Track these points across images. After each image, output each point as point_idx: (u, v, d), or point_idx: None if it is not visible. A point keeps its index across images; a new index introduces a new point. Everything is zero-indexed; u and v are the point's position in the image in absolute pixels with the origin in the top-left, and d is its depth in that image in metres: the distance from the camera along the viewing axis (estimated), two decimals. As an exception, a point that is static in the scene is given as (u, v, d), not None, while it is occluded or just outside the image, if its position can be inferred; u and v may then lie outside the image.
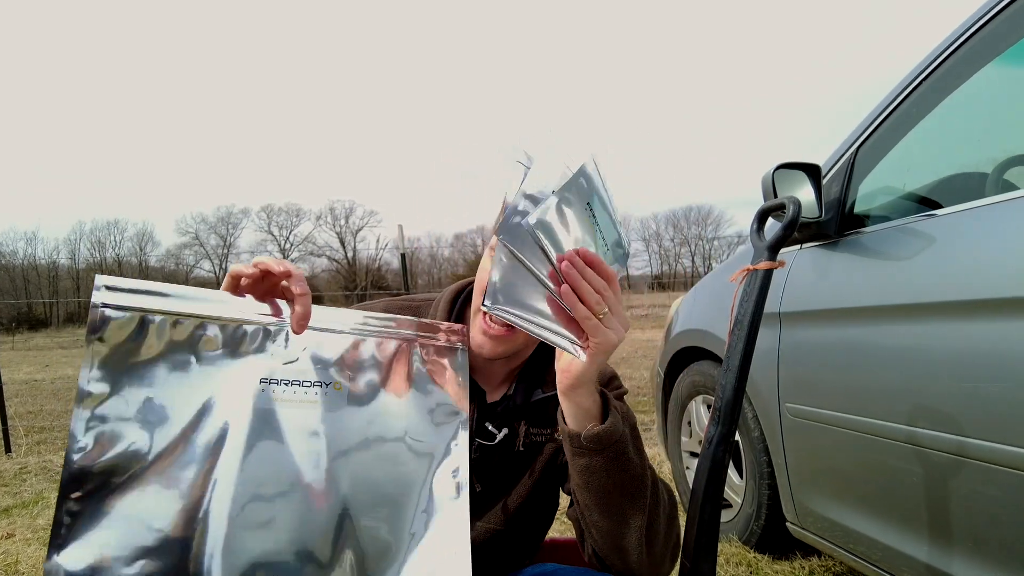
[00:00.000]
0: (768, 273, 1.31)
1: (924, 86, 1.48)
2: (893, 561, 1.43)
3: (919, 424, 1.30)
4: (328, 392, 0.82)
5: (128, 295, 0.74)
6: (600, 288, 0.76)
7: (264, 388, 0.79)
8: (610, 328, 0.77)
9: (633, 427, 0.90)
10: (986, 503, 1.18)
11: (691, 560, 1.19)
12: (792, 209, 1.36)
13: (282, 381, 0.80)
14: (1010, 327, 1.11)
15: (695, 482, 1.25)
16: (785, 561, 2.08)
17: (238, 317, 0.79)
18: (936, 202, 1.47)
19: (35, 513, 2.89)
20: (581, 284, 0.74)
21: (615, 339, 0.78)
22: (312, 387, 0.81)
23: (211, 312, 0.78)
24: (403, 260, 8.26)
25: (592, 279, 0.75)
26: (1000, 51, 1.33)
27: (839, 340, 1.55)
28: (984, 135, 1.57)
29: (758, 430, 1.96)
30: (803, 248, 1.76)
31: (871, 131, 1.62)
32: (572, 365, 0.82)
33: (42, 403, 6.54)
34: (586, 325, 0.76)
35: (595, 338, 0.77)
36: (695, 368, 2.45)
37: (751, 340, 1.27)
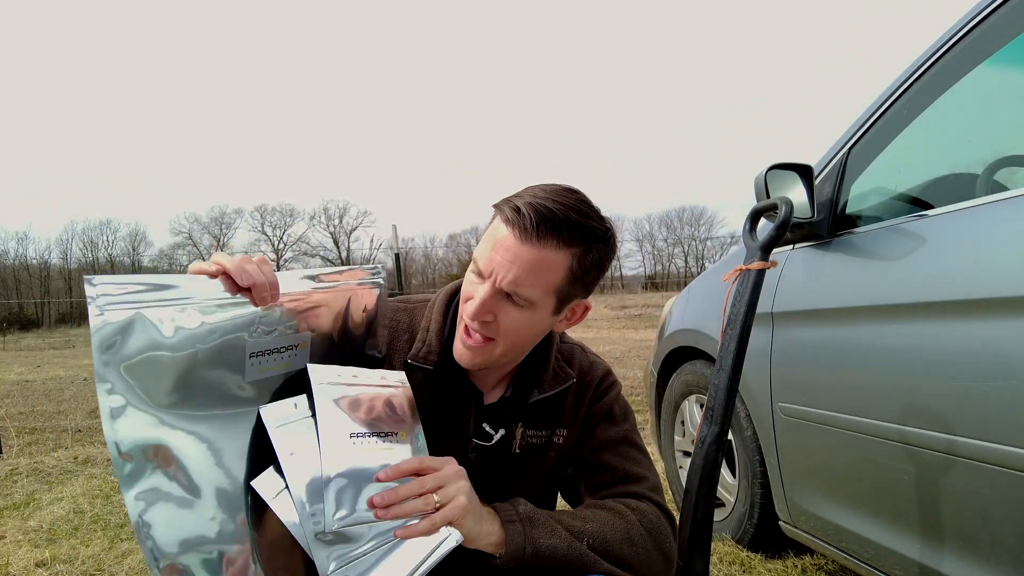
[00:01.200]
0: (760, 273, 1.32)
1: (915, 87, 1.48)
2: (885, 559, 1.44)
3: (910, 423, 1.30)
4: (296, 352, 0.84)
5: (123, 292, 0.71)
6: (418, 490, 0.77)
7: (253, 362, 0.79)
8: (448, 502, 0.79)
9: (533, 520, 0.91)
10: (976, 501, 1.19)
11: (684, 559, 1.19)
12: (784, 209, 1.37)
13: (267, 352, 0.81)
14: (1001, 327, 1.12)
15: (688, 481, 1.25)
16: (778, 560, 2.09)
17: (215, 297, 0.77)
18: (927, 203, 1.48)
19: (26, 515, 2.87)
20: (404, 509, 0.76)
21: (461, 503, 0.80)
22: (286, 352, 0.83)
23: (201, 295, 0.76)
24: (397, 260, 8.25)
25: (408, 494, 0.77)
26: (990, 53, 1.34)
27: (831, 340, 1.56)
28: (974, 136, 1.58)
29: (751, 429, 1.97)
30: (795, 248, 1.76)
31: (863, 132, 1.62)
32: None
33: (33, 404, 6.50)
34: (432, 530, 0.78)
35: (442, 524, 0.78)
36: (688, 368, 2.46)
37: (744, 340, 1.28)
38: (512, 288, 0.87)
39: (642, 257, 55.28)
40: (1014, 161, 1.47)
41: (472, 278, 0.92)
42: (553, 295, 0.90)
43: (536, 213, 0.85)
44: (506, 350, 0.94)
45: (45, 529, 2.65)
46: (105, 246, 48.35)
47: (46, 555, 2.33)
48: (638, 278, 53.15)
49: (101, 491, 3.22)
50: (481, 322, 0.90)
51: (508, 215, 0.87)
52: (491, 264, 0.87)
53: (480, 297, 0.88)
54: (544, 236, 0.85)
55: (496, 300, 0.88)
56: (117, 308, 0.68)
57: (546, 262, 0.87)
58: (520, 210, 0.86)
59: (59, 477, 3.54)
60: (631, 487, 1.02)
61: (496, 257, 0.87)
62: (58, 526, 2.69)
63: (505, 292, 0.88)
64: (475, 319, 0.90)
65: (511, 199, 0.89)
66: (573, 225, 0.87)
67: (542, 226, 0.85)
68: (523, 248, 0.86)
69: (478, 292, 0.89)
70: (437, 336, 1.00)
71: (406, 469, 0.77)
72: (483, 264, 0.89)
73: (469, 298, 0.91)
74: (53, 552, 2.36)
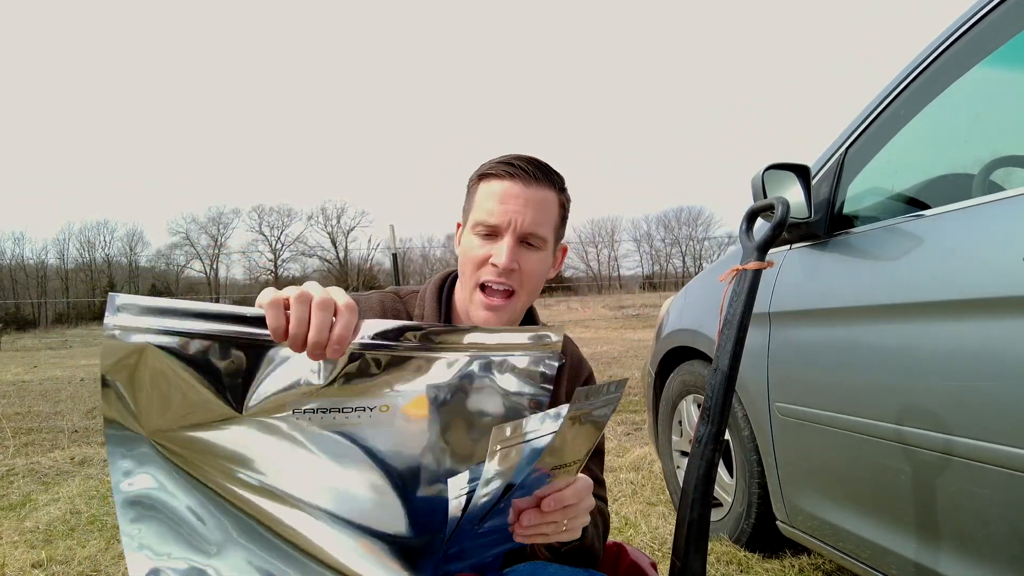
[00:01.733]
0: (757, 273, 1.32)
1: (912, 88, 1.49)
2: (882, 559, 1.44)
3: (907, 423, 1.31)
4: (373, 415, 0.73)
5: (140, 316, 0.65)
6: (558, 517, 0.77)
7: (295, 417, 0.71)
8: (571, 529, 0.80)
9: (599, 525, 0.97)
10: (973, 501, 1.19)
11: (682, 558, 1.19)
12: (781, 209, 1.37)
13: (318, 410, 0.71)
14: (997, 326, 1.12)
15: (685, 481, 1.25)
16: (775, 559, 2.09)
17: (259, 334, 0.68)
18: (924, 203, 1.49)
19: (22, 515, 2.86)
20: (538, 531, 0.76)
21: (580, 528, 0.81)
22: (352, 412, 0.72)
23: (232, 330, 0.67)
24: (395, 260, 8.24)
25: (549, 519, 0.76)
26: (986, 54, 1.34)
27: (828, 340, 1.56)
28: (971, 137, 1.59)
29: (748, 429, 1.97)
30: (792, 248, 1.77)
31: (859, 132, 1.63)
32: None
33: (30, 404, 6.48)
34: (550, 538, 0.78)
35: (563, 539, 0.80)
36: (686, 368, 2.46)
37: (740, 340, 1.28)
38: (532, 228, 0.95)
39: (640, 257, 55.30)
40: (1010, 161, 1.47)
41: (478, 241, 0.96)
42: (553, 234, 1.00)
43: (527, 162, 0.96)
44: (526, 298, 1.00)
45: (41, 530, 2.64)
46: (102, 246, 48.19)
47: (42, 556, 2.32)
48: (636, 278, 53.17)
49: (98, 492, 3.21)
50: (509, 274, 0.95)
51: (503, 171, 0.96)
52: (506, 214, 0.94)
53: (508, 246, 0.94)
54: (541, 179, 0.96)
55: (518, 247, 0.95)
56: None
57: (548, 201, 0.97)
58: (513, 163, 0.96)
59: (55, 478, 3.53)
60: (597, 490, 1.05)
61: (509, 207, 0.94)
62: (54, 527, 2.68)
63: (524, 238, 0.95)
64: (508, 266, 0.94)
65: (492, 164, 0.98)
66: (552, 170, 0.99)
67: (537, 171, 0.96)
68: (530, 191, 0.95)
69: (501, 246, 0.94)
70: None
71: (567, 502, 0.76)
72: (498, 218, 0.94)
73: (486, 259, 0.95)
74: (49, 553, 2.35)
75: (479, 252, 0.96)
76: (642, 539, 2.35)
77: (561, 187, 1.01)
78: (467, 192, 1.03)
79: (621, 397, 0.77)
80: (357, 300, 1.02)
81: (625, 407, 5.15)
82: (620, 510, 2.67)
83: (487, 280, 0.96)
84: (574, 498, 0.77)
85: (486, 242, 0.96)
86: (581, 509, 0.79)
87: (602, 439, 1.09)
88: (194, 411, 0.67)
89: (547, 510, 0.74)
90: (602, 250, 54.39)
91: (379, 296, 1.06)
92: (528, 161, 0.96)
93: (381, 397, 0.73)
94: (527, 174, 0.95)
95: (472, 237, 0.97)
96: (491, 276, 0.95)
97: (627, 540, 2.28)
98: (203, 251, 49.85)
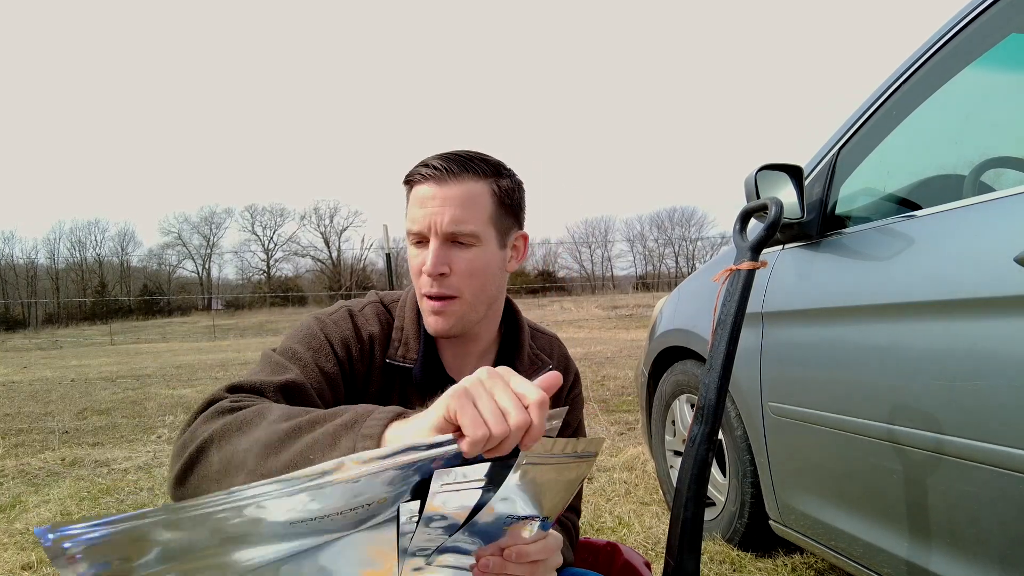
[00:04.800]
0: (750, 273, 1.32)
1: (904, 89, 1.50)
2: (874, 557, 1.45)
3: (899, 422, 1.31)
4: None
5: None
6: (526, 573, 0.71)
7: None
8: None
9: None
10: (964, 499, 1.20)
11: (675, 558, 1.19)
12: (774, 210, 1.37)
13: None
14: (988, 326, 1.13)
15: (679, 480, 1.26)
16: (768, 559, 2.10)
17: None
18: (916, 203, 1.49)
19: (12, 517, 2.84)
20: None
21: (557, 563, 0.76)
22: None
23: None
24: (388, 260, 8.22)
25: (514, 571, 0.70)
26: (978, 55, 1.35)
27: (821, 339, 1.57)
28: (962, 138, 1.60)
29: (741, 429, 1.98)
30: (785, 248, 1.77)
31: (852, 133, 1.64)
32: None
33: (20, 405, 6.43)
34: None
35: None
36: (679, 367, 2.47)
37: (734, 339, 1.28)
38: (454, 227, 0.90)
39: (633, 257, 55.45)
40: (1001, 162, 1.48)
41: (414, 251, 0.94)
42: (491, 226, 0.94)
43: (441, 159, 0.92)
44: (473, 300, 0.95)
45: (31, 531, 2.62)
46: (93, 246, 47.86)
47: (32, 558, 2.30)
48: (629, 278, 53.27)
49: (88, 493, 3.19)
50: (440, 279, 0.92)
51: (419, 175, 0.92)
52: (426, 219, 0.91)
53: (432, 251, 0.91)
54: (458, 172, 0.92)
55: (445, 249, 0.92)
56: None
57: (471, 193, 0.92)
58: (428, 164, 0.92)
59: (46, 479, 3.51)
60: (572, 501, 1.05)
61: (427, 210, 0.91)
62: (45, 528, 2.66)
63: (450, 238, 0.91)
64: (433, 272, 0.91)
65: (413, 168, 0.95)
66: (476, 159, 0.94)
67: (452, 166, 0.92)
68: (446, 188, 0.91)
69: (427, 252, 0.92)
70: (413, 333, 1.00)
71: (531, 557, 0.71)
72: (419, 225, 0.91)
73: (420, 267, 0.93)
74: (40, 555, 2.33)
75: (415, 262, 0.94)
76: (636, 538, 2.35)
77: (491, 174, 0.95)
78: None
79: (596, 456, 0.72)
80: (353, 313, 1.00)
81: (619, 407, 5.16)
82: (613, 510, 2.67)
83: (424, 289, 0.94)
84: (539, 555, 0.71)
85: (419, 250, 0.94)
86: (548, 567, 0.74)
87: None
88: None
89: (509, 560, 0.70)
90: (595, 250, 54.56)
91: (372, 309, 1.03)
92: (443, 158, 0.93)
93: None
94: (440, 171, 0.91)
95: (410, 247, 0.96)
96: (426, 284, 0.93)
97: (621, 540, 2.28)
98: (195, 251, 49.67)
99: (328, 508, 0.55)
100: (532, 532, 0.72)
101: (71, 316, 41.26)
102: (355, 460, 0.54)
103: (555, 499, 0.71)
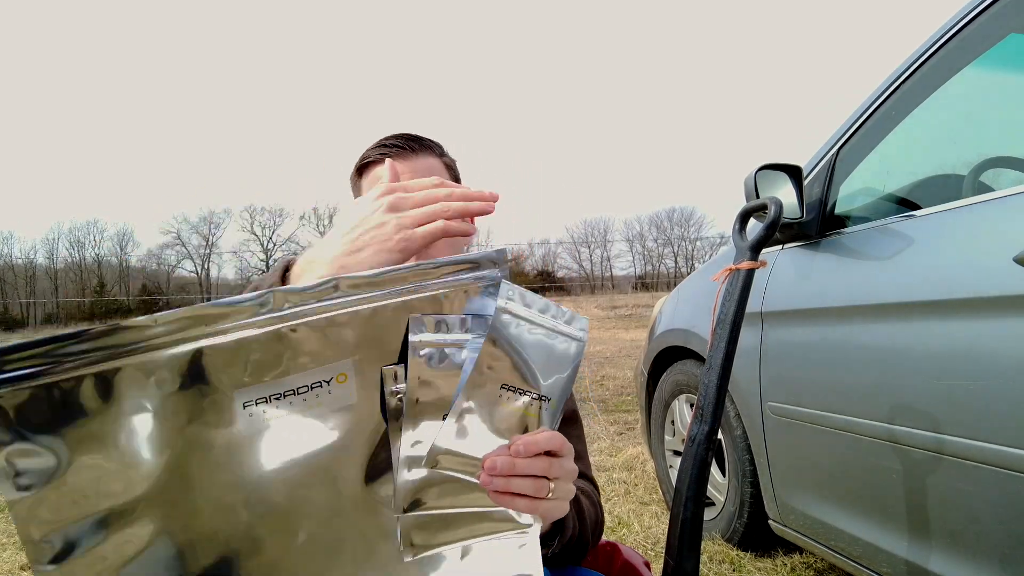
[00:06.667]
0: (750, 273, 1.32)
1: (903, 89, 1.50)
2: (873, 557, 1.45)
3: (898, 422, 1.31)
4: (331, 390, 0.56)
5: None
6: (540, 471, 0.61)
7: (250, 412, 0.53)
8: (558, 498, 0.64)
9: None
10: (963, 499, 1.20)
11: (675, 558, 1.19)
12: (774, 210, 1.37)
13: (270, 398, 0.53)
14: (987, 325, 1.13)
15: (678, 480, 1.25)
16: (768, 558, 2.10)
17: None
18: (915, 203, 1.50)
19: (9, 518, 2.84)
20: (514, 485, 0.60)
21: (565, 507, 0.67)
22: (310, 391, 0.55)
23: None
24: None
25: (527, 470, 0.60)
26: (976, 55, 1.35)
27: (820, 339, 1.57)
28: (961, 138, 1.60)
29: (740, 429, 1.98)
30: (784, 248, 1.77)
31: (851, 133, 1.64)
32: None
33: (18, 405, 6.42)
34: (528, 512, 0.63)
35: (540, 514, 0.64)
36: (678, 367, 2.47)
37: (733, 339, 1.28)
38: None
39: (632, 257, 55.42)
40: (1000, 162, 1.48)
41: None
42: None
43: (398, 138, 0.94)
44: None
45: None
46: (92, 246, 47.74)
47: (31, 558, 2.30)
48: (628, 278, 53.26)
49: (88, 493, 3.19)
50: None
51: (379, 155, 0.93)
52: None
53: None
54: (417, 149, 0.94)
55: None
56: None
57: (432, 167, 0.94)
58: (385, 144, 0.93)
59: (45, 479, 3.50)
60: (582, 476, 1.00)
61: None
62: (44, 529, 2.66)
63: None
64: None
65: (364, 153, 0.95)
66: (424, 137, 0.96)
67: (411, 142, 0.94)
68: (410, 163, 0.93)
69: None
70: None
71: (542, 447, 0.62)
72: None
73: None
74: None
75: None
76: (635, 538, 2.35)
77: (441, 151, 0.98)
78: (352, 191, 0.99)
79: (585, 340, 0.65)
80: None
81: (618, 407, 5.16)
82: (613, 509, 2.67)
83: None
84: (550, 445, 0.61)
85: None
86: (564, 469, 0.64)
87: (583, 440, 1.02)
88: None
89: (518, 456, 0.60)
90: (595, 250, 54.48)
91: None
92: (398, 136, 0.94)
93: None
94: (403, 148, 0.92)
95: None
96: None
97: (620, 539, 2.28)
98: (194, 251, 49.55)
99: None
100: (537, 417, 0.63)
101: (70, 316, 41.18)
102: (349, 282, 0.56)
103: (551, 374, 0.63)
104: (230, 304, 0.52)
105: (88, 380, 0.49)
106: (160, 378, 0.50)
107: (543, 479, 0.63)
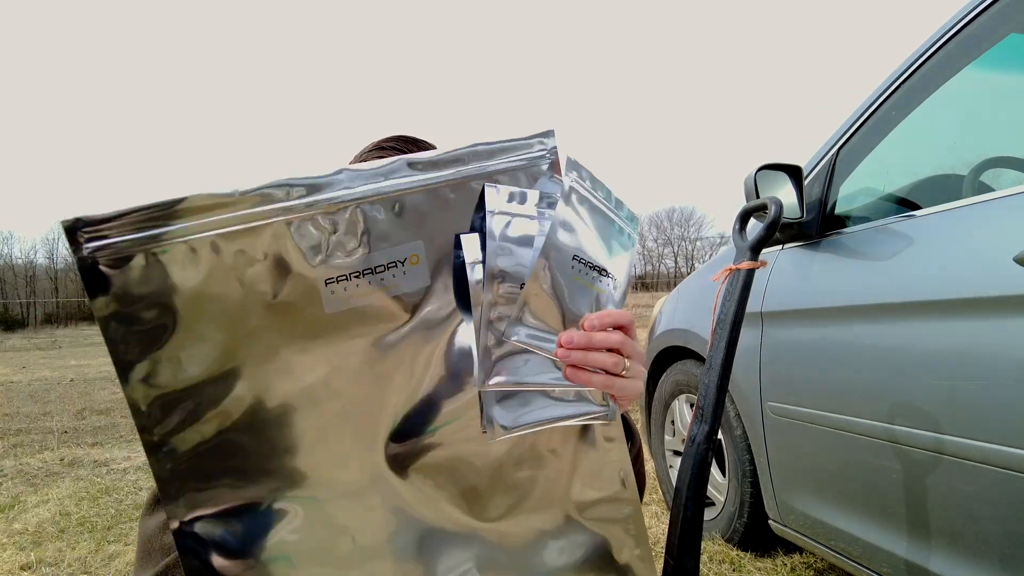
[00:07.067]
0: (750, 273, 1.32)
1: (903, 89, 1.50)
2: (873, 557, 1.45)
3: (898, 422, 1.31)
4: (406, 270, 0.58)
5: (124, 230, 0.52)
6: (616, 345, 0.61)
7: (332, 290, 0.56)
8: (633, 376, 0.64)
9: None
10: (963, 499, 1.20)
11: (675, 558, 1.19)
12: (774, 210, 1.37)
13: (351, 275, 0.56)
14: (988, 325, 1.13)
15: (678, 480, 1.25)
16: (768, 558, 2.10)
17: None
18: (915, 203, 1.50)
19: (11, 517, 2.84)
20: (590, 359, 0.60)
21: (640, 387, 0.66)
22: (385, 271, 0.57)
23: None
24: (387, 260, 8.22)
25: (603, 343, 0.60)
26: (977, 55, 1.35)
27: (820, 339, 1.57)
28: (961, 138, 1.60)
29: (740, 429, 1.98)
30: (785, 248, 1.77)
31: (851, 133, 1.64)
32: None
33: (19, 405, 6.42)
34: (605, 391, 0.63)
35: (616, 393, 0.63)
36: (678, 367, 2.47)
37: (733, 339, 1.28)
38: None
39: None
40: (1000, 162, 1.48)
41: None
42: None
43: (396, 140, 0.92)
44: None
45: (31, 532, 2.62)
46: (92, 246, 47.71)
47: (32, 558, 2.30)
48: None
49: (88, 493, 3.19)
50: None
51: (378, 157, 0.92)
52: None
53: None
54: (415, 151, 0.93)
55: None
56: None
57: None
58: (383, 146, 0.91)
59: (45, 479, 3.50)
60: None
61: None
62: (44, 528, 2.66)
63: None
64: None
65: (362, 156, 0.93)
66: (419, 140, 0.94)
67: (406, 146, 0.91)
68: None
69: None
70: None
71: (615, 320, 0.62)
72: None
73: None
74: (39, 555, 2.33)
75: None
76: (635, 538, 2.35)
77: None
78: None
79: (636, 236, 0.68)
80: None
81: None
82: (613, 510, 2.67)
83: None
84: (622, 319, 0.62)
85: None
86: (635, 349, 0.64)
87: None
88: None
89: (590, 329, 0.60)
90: (595, 250, 54.37)
91: None
92: (396, 139, 0.92)
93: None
94: (400, 151, 0.90)
95: None
96: None
97: (620, 540, 2.28)
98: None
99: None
100: (607, 293, 0.64)
101: (70, 316, 41.20)
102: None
103: (614, 255, 0.65)
104: (305, 182, 0.57)
105: (180, 248, 0.52)
106: (248, 255, 0.53)
107: (618, 354, 0.62)
